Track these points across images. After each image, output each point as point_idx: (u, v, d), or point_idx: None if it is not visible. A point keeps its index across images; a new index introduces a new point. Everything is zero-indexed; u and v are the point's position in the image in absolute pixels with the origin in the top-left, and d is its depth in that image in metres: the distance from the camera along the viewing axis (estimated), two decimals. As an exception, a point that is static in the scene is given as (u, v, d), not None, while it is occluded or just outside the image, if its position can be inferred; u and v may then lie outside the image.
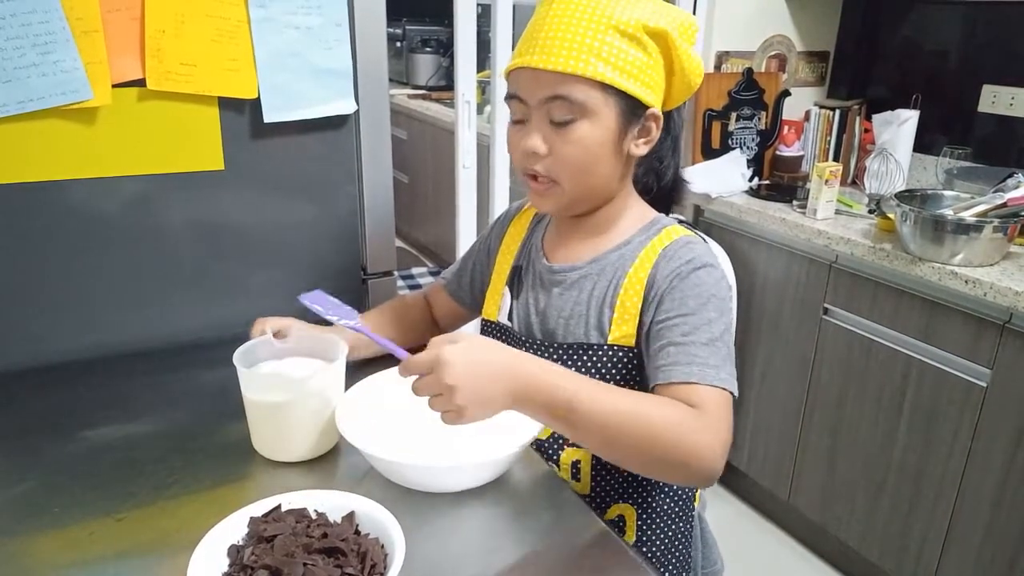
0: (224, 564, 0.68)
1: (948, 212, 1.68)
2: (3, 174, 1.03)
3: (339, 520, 0.73)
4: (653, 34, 0.84)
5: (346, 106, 1.20)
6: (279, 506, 0.74)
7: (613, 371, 0.91)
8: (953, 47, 2.18)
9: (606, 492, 0.96)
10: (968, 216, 1.63)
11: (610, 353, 0.91)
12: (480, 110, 2.85)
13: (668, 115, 0.94)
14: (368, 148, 1.26)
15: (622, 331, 0.90)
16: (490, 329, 1.03)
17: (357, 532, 0.72)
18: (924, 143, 2.18)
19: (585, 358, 0.92)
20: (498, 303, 1.02)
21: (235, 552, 0.69)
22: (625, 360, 0.91)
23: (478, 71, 1.98)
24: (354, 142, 1.24)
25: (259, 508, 0.73)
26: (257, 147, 1.17)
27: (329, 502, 0.75)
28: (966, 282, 1.55)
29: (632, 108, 0.86)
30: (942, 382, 1.66)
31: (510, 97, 0.88)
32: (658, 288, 0.88)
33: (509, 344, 0.99)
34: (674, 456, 0.75)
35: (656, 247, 0.91)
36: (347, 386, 0.92)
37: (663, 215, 0.98)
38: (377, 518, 0.72)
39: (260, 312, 1.03)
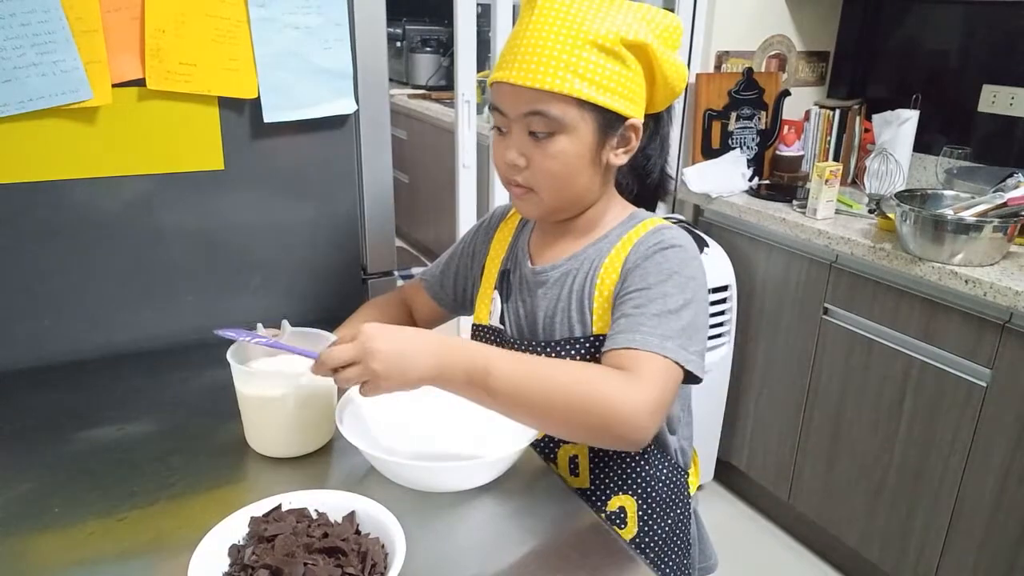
0: (225, 564, 0.68)
1: (948, 212, 1.68)
2: (3, 174, 1.03)
3: (339, 520, 0.73)
4: (632, 46, 0.85)
5: (346, 106, 1.20)
6: (279, 506, 0.74)
7: (600, 360, 0.91)
8: (953, 47, 2.18)
9: (605, 485, 0.96)
10: (968, 216, 1.63)
11: (597, 344, 0.91)
12: (480, 110, 2.84)
13: (656, 116, 0.94)
14: (368, 148, 1.26)
15: (603, 321, 0.91)
16: (482, 333, 1.03)
17: (358, 532, 0.72)
18: (924, 143, 2.18)
19: (572, 352, 0.93)
20: (488, 307, 1.03)
21: (236, 552, 0.69)
22: None
23: (478, 71, 1.98)
24: (354, 142, 1.24)
25: (260, 508, 0.73)
26: (257, 147, 1.17)
27: (329, 502, 0.75)
28: (966, 282, 1.55)
29: (610, 120, 0.87)
30: (942, 382, 1.66)
31: (492, 108, 0.90)
32: (626, 271, 0.90)
33: (502, 346, 1.01)
34: (596, 417, 0.76)
35: (632, 237, 0.93)
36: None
37: (640, 210, 0.99)
38: (377, 518, 0.72)
39: (260, 312, 1.03)
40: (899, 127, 2.06)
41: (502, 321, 1.01)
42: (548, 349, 0.94)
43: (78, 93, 1.02)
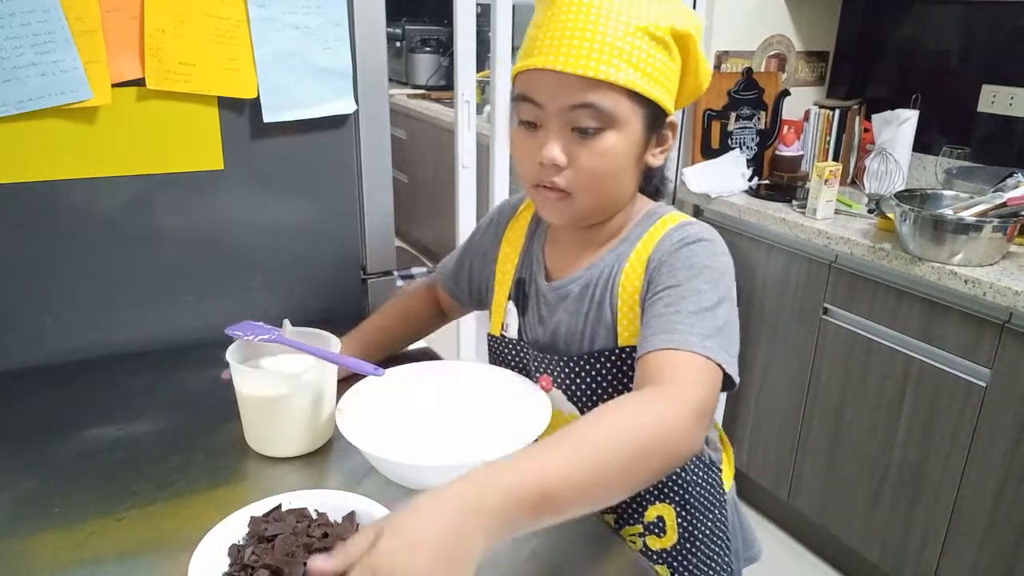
0: (225, 564, 0.68)
1: (948, 212, 1.68)
2: (2, 174, 1.03)
3: (340, 520, 0.73)
4: (678, 36, 0.79)
5: (346, 106, 1.20)
6: (279, 506, 0.74)
7: (631, 374, 0.85)
8: (953, 47, 2.18)
9: (641, 495, 0.92)
10: (968, 216, 1.63)
11: (623, 357, 0.86)
12: (480, 110, 2.85)
13: None
14: (368, 148, 1.26)
15: (629, 330, 0.85)
16: (498, 345, 0.98)
17: (358, 531, 0.72)
18: (924, 143, 2.18)
19: (599, 366, 0.87)
20: (503, 317, 0.97)
21: (236, 552, 0.69)
22: None
23: (478, 71, 1.98)
24: (354, 142, 1.24)
25: (260, 508, 0.73)
26: (257, 147, 1.17)
27: (329, 502, 0.75)
28: (966, 282, 1.55)
29: (656, 116, 0.80)
30: (942, 382, 1.66)
31: (523, 99, 0.80)
32: (650, 272, 0.83)
33: (522, 358, 0.96)
34: (656, 457, 0.67)
35: (653, 236, 0.86)
36: (346, 385, 0.92)
37: (660, 204, 0.92)
38: (378, 518, 0.72)
39: (260, 312, 1.03)
40: (899, 127, 2.06)
41: (520, 335, 0.96)
42: (572, 363, 0.89)
43: (77, 93, 1.02)
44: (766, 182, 2.27)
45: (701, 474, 0.94)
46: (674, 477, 0.92)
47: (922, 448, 1.73)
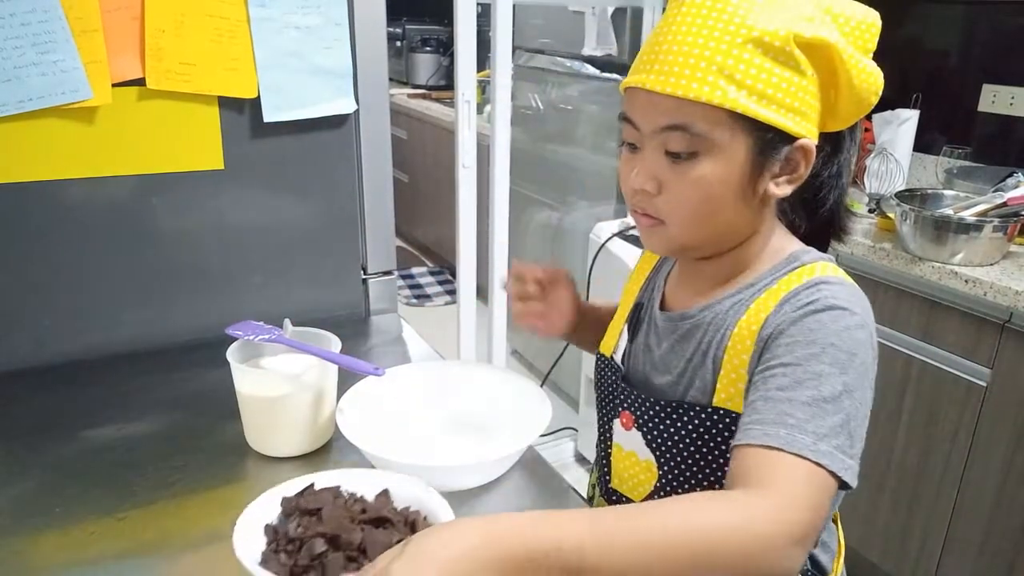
0: (262, 543, 0.66)
1: (948, 212, 1.68)
2: (2, 174, 1.03)
3: (373, 498, 0.71)
4: (809, 47, 0.67)
5: (346, 106, 1.20)
6: (312, 485, 0.71)
7: (718, 438, 0.76)
8: (953, 47, 2.18)
9: None
10: (968, 216, 1.63)
11: (714, 418, 0.75)
12: (480, 110, 2.85)
13: (834, 136, 0.76)
14: (368, 148, 1.26)
15: (728, 392, 0.74)
16: (603, 365, 0.91)
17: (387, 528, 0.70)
18: (924, 143, 2.18)
19: (686, 419, 0.77)
20: (616, 339, 0.90)
21: (273, 531, 0.67)
22: (733, 428, 0.73)
23: (478, 71, 1.97)
24: (354, 142, 1.24)
25: (290, 488, 0.71)
26: (257, 147, 1.17)
27: (360, 480, 0.73)
28: (966, 282, 1.55)
29: (772, 140, 0.69)
30: (942, 382, 1.66)
31: (623, 119, 0.74)
32: (764, 335, 0.70)
33: (614, 387, 0.87)
34: (729, 567, 0.56)
35: (782, 289, 0.73)
36: (347, 385, 0.92)
37: (807, 249, 0.78)
38: (413, 492, 0.71)
39: (260, 312, 1.03)
40: (899, 127, 2.06)
41: (624, 359, 0.87)
42: (659, 408, 0.79)
43: (78, 93, 1.02)
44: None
45: None
46: None
47: (922, 448, 1.73)
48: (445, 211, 3.12)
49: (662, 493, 0.81)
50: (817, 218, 0.80)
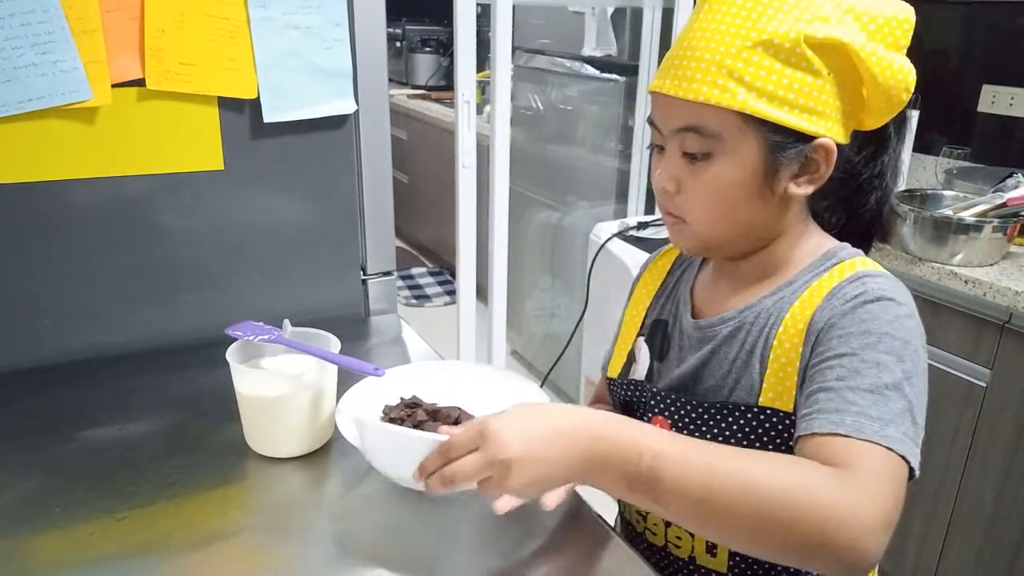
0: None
1: (948, 212, 1.68)
2: (3, 174, 1.03)
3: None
4: (821, 47, 0.68)
5: (346, 106, 1.20)
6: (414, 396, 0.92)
7: (765, 439, 0.74)
8: (953, 47, 2.18)
9: (751, 570, 0.79)
10: (968, 216, 1.63)
11: (760, 418, 0.74)
12: (480, 110, 2.85)
13: (879, 133, 0.75)
14: (368, 148, 1.26)
15: (775, 391, 0.73)
16: (618, 386, 0.89)
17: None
18: (924, 143, 2.18)
19: (731, 419, 0.76)
20: (624, 359, 0.89)
21: (388, 409, 0.89)
22: (780, 428, 0.73)
23: (478, 71, 1.97)
24: (354, 142, 1.24)
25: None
26: (257, 147, 1.17)
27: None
28: (966, 282, 1.55)
29: (787, 141, 0.70)
30: (942, 382, 1.66)
31: (649, 122, 0.77)
32: (815, 329, 0.70)
33: (641, 399, 0.86)
34: (803, 532, 0.56)
35: (825, 285, 0.73)
36: (347, 385, 0.92)
37: (843, 245, 0.78)
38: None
39: (259, 312, 1.03)
40: (899, 127, 2.06)
41: (649, 377, 0.85)
42: (702, 410, 0.78)
43: (78, 93, 1.02)
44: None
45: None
46: (791, 569, 0.77)
47: (922, 448, 1.73)
48: (445, 211, 3.12)
49: None
50: (858, 218, 0.80)
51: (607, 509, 0.89)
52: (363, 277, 1.33)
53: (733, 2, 0.70)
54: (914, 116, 2.05)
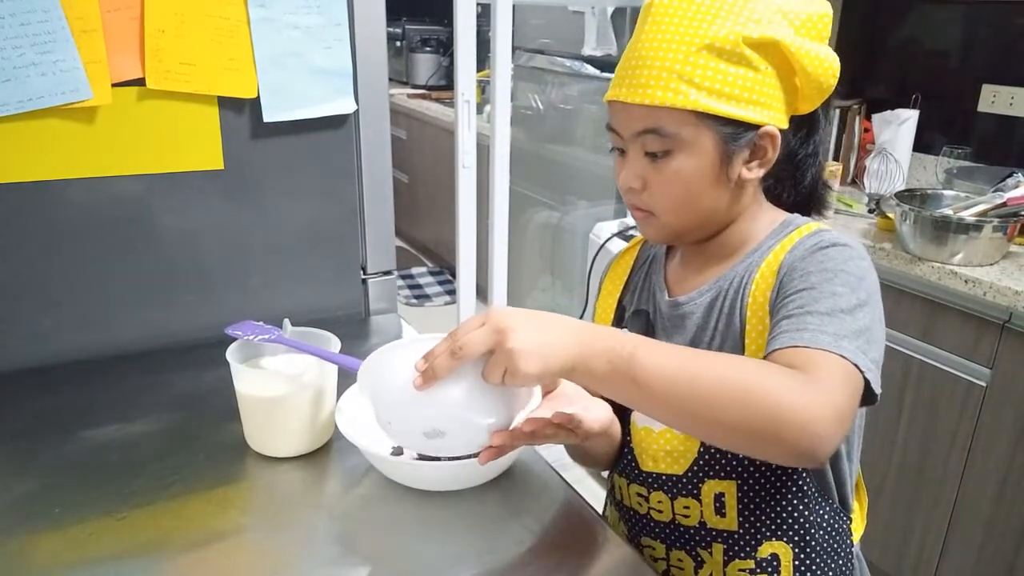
0: None
1: (948, 212, 1.68)
2: (3, 174, 1.03)
3: None
4: (759, 45, 0.75)
5: (346, 106, 1.20)
6: None
7: None
8: (953, 47, 2.18)
9: (756, 528, 0.84)
10: (968, 216, 1.63)
11: None
12: (480, 110, 2.85)
13: (809, 117, 0.83)
14: (368, 148, 1.26)
15: (757, 344, 0.80)
16: None
17: None
18: (924, 143, 2.18)
19: None
20: None
21: None
22: None
23: (478, 71, 1.97)
24: (354, 142, 1.24)
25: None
26: (257, 147, 1.17)
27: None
28: (966, 282, 1.55)
29: (736, 131, 0.78)
30: (942, 382, 1.66)
31: (608, 128, 0.84)
32: (781, 275, 0.78)
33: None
34: (764, 418, 0.62)
35: (786, 244, 0.81)
36: (347, 385, 0.92)
37: (796, 216, 0.87)
38: None
39: (259, 312, 1.03)
40: (899, 127, 2.06)
41: None
42: None
43: (78, 93, 1.02)
44: (766, 182, 2.27)
45: (828, 516, 0.85)
46: (795, 514, 0.83)
47: (922, 448, 1.73)
48: (445, 211, 3.13)
49: (707, 456, 0.83)
50: (799, 192, 0.89)
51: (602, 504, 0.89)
52: (363, 277, 1.33)
53: (675, 13, 0.77)
54: (914, 116, 2.05)
